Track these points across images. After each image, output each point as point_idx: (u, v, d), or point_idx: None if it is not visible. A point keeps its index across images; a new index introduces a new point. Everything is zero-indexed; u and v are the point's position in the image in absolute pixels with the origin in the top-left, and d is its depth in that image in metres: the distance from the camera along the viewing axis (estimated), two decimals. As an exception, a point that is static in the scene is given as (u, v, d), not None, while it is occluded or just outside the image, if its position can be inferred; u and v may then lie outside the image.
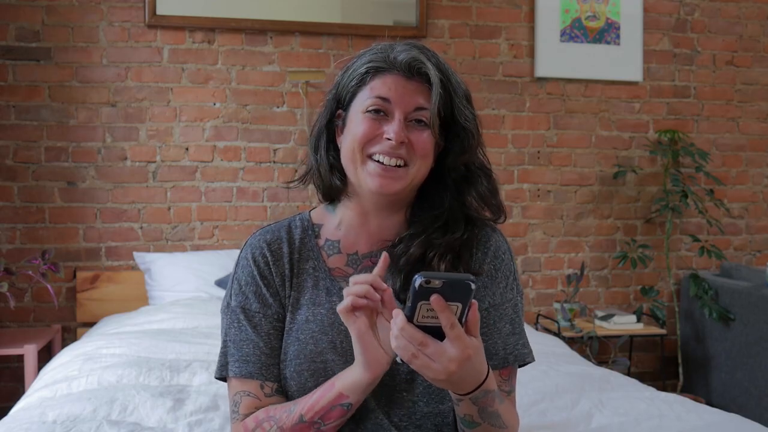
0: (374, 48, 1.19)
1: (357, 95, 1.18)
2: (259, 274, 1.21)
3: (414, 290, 0.92)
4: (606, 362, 3.55)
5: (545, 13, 3.69)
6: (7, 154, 3.25)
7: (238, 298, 1.21)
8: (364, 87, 1.17)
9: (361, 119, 1.15)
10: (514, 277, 1.24)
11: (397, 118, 1.14)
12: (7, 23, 3.24)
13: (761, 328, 3.29)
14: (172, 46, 3.37)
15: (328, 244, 1.24)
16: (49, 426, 1.70)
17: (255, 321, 1.19)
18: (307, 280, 1.21)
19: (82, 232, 3.32)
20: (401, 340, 0.95)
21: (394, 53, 1.16)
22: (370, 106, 1.15)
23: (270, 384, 1.18)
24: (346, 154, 1.18)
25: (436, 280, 0.91)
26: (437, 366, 0.95)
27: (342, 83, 1.20)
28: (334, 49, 3.51)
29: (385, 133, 1.14)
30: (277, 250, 1.22)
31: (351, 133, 1.17)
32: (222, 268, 3.15)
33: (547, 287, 3.78)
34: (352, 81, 1.18)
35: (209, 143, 3.42)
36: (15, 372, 3.23)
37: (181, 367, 2.12)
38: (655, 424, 1.86)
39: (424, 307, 0.93)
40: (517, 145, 3.72)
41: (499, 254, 1.22)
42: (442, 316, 0.93)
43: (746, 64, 3.96)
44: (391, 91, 1.14)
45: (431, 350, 0.95)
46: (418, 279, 0.91)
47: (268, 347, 1.18)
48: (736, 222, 3.99)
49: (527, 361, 1.22)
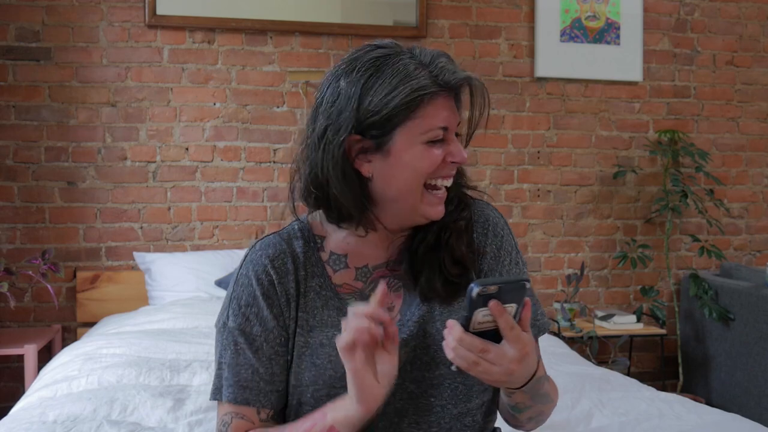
0: (403, 63, 1.05)
1: (406, 124, 1.05)
2: (262, 294, 1.12)
3: (470, 300, 0.92)
4: (606, 362, 3.55)
5: (545, 13, 3.69)
6: (7, 154, 3.25)
7: (237, 319, 1.12)
8: (417, 114, 1.05)
9: (424, 150, 1.06)
10: (516, 250, 1.21)
11: (455, 139, 1.09)
12: (7, 23, 3.24)
13: (761, 328, 3.29)
14: (172, 46, 3.37)
15: (334, 258, 1.16)
16: (49, 426, 1.70)
17: (256, 345, 1.11)
18: (316, 299, 1.14)
19: (82, 232, 3.32)
20: (460, 350, 0.95)
21: (443, 74, 1.05)
22: (433, 138, 1.06)
23: (266, 410, 1.13)
24: (401, 187, 1.07)
25: (492, 287, 0.92)
26: (498, 369, 0.96)
27: (369, 110, 1.04)
28: (334, 49, 3.51)
29: (449, 156, 1.08)
30: (282, 266, 1.13)
31: (412, 166, 1.06)
32: (222, 268, 3.15)
33: (547, 287, 3.78)
34: (393, 111, 1.04)
35: (209, 143, 3.42)
36: (15, 372, 3.23)
37: (181, 367, 2.12)
38: (655, 424, 1.86)
39: (480, 313, 0.94)
40: (517, 145, 3.72)
41: (497, 231, 1.19)
42: (501, 320, 0.93)
43: (746, 64, 3.96)
44: (447, 117, 1.07)
45: (492, 355, 0.95)
46: (474, 288, 0.91)
47: (268, 373, 1.11)
48: (736, 222, 3.99)
49: (547, 328, 1.24)
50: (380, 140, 1.06)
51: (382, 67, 1.05)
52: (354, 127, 1.05)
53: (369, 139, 1.06)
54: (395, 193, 1.08)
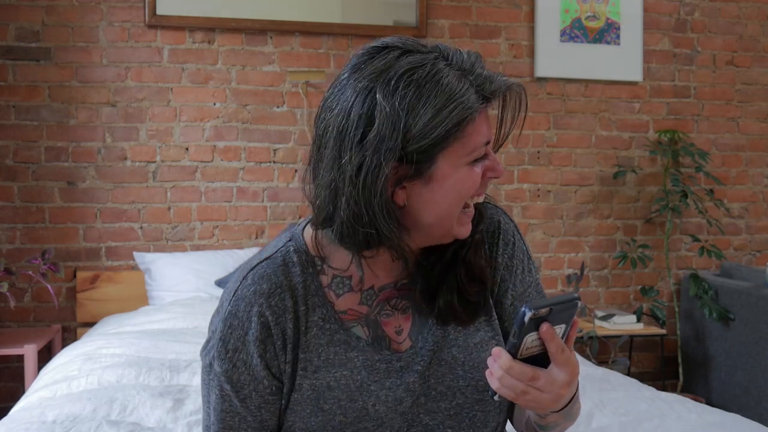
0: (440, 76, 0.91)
1: (452, 145, 0.93)
2: (254, 339, 0.99)
3: (521, 324, 0.86)
4: (606, 362, 3.55)
5: (545, 13, 3.69)
6: (7, 154, 3.25)
7: (224, 365, 1.00)
8: (460, 135, 0.92)
9: (468, 171, 0.95)
10: (527, 256, 1.14)
11: (491, 152, 0.99)
12: (7, 23, 3.24)
13: (761, 328, 3.29)
14: (172, 46, 3.37)
15: (336, 282, 1.03)
16: (49, 426, 1.70)
17: (243, 393, 1.01)
18: (320, 335, 1.01)
19: (82, 232, 3.32)
20: (508, 380, 0.89)
21: (487, 84, 0.93)
22: (477, 157, 0.96)
23: None
24: (441, 213, 0.96)
25: (543, 309, 0.86)
26: (547, 396, 0.90)
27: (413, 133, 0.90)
28: (334, 49, 3.51)
29: (489, 172, 0.98)
30: (279, 304, 1.00)
31: (457, 189, 0.95)
32: (222, 268, 3.15)
33: (547, 287, 3.78)
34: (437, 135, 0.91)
35: (209, 143, 3.42)
36: (15, 372, 3.23)
37: (181, 367, 2.12)
38: (656, 424, 1.86)
39: (529, 338, 0.88)
40: (517, 145, 3.72)
41: (508, 239, 1.12)
42: (552, 344, 0.88)
43: (746, 64, 3.96)
44: (487, 131, 0.96)
45: (542, 382, 0.89)
46: (527, 312, 0.84)
47: (256, 421, 1.02)
48: (736, 222, 3.99)
49: None
50: (421, 165, 0.93)
51: (424, 82, 0.91)
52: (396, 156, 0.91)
53: (407, 165, 0.92)
54: (433, 220, 0.96)
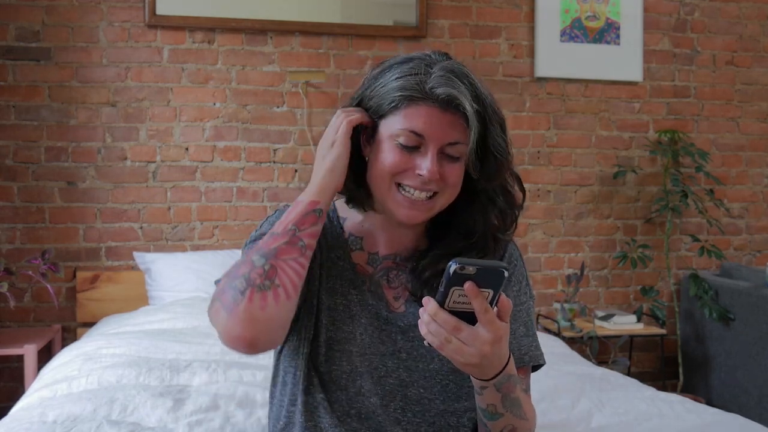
0: (409, 66, 1.11)
1: (388, 117, 1.11)
2: None
3: (448, 276, 0.93)
4: (606, 362, 3.55)
5: (545, 13, 3.69)
6: (7, 154, 3.25)
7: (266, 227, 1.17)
8: (397, 112, 1.10)
9: (392, 148, 1.10)
10: (526, 282, 1.26)
11: (431, 153, 1.09)
12: (7, 23, 3.24)
13: (761, 328, 3.29)
14: (172, 46, 3.37)
15: (352, 239, 1.22)
16: (49, 426, 1.70)
17: None
18: (332, 269, 1.19)
19: (82, 232, 3.32)
20: (433, 325, 0.96)
21: (431, 83, 1.07)
22: (402, 140, 1.09)
23: None
24: (374, 175, 1.13)
25: (470, 267, 0.92)
26: (471, 350, 0.96)
27: (371, 94, 1.13)
28: (334, 49, 3.51)
29: (417, 168, 1.09)
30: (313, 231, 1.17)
31: (380, 159, 1.12)
32: (222, 268, 3.10)
33: (547, 287, 3.78)
34: (383, 101, 1.11)
35: (209, 143, 3.42)
36: (15, 372, 3.23)
37: (181, 367, 2.12)
38: (655, 424, 1.86)
39: (456, 292, 0.94)
40: (517, 145, 3.72)
41: (512, 260, 1.24)
42: (476, 301, 0.93)
43: (746, 64, 3.96)
44: (426, 126, 1.08)
45: (465, 335, 0.95)
46: (453, 265, 0.92)
47: None
48: (736, 222, 3.99)
49: (540, 362, 1.24)
50: (375, 127, 1.13)
51: (397, 65, 1.12)
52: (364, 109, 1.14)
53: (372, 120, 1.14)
54: (372, 180, 1.14)
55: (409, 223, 1.13)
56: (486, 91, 1.12)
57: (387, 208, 1.14)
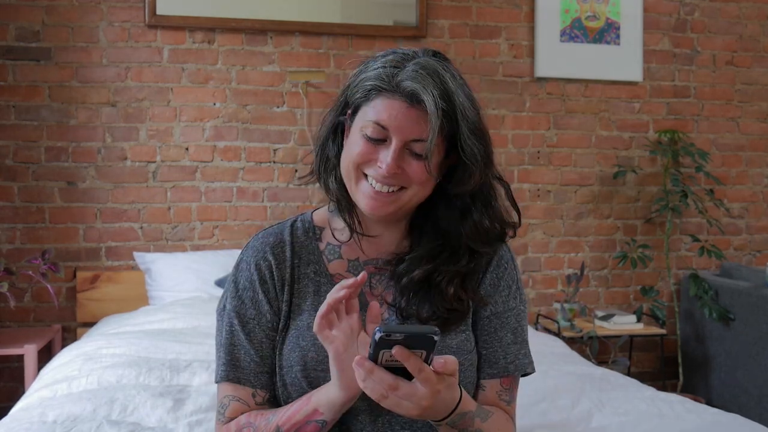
0: (388, 58, 1.13)
1: (360, 108, 1.13)
2: (259, 279, 1.19)
3: (374, 342, 0.91)
4: (606, 362, 3.55)
5: (545, 13, 3.69)
6: (7, 154, 3.25)
7: (234, 302, 1.20)
8: (368, 103, 1.11)
9: (358, 139, 1.12)
10: (517, 286, 1.23)
11: (393, 147, 1.09)
12: (7, 23, 3.24)
13: (761, 328, 3.29)
14: (172, 46, 3.37)
15: (330, 249, 1.22)
16: (49, 426, 1.70)
17: (249, 328, 1.18)
18: (309, 285, 1.20)
19: (82, 232, 3.32)
20: (370, 382, 0.95)
21: (401, 76, 1.08)
22: (369, 131, 1.10)
23: (262, 393, 1.18)
24: (343, 165, 1.15)
25: (397, 334, 0.90)
26: (409, 404, 0.96)
27: (351, 88, 1.15)
28: (334, 49, 3.51)
29: (378, 161, 1.10)
30: (280, 254, 1.20)
31: (349, 148, 1.14)
32: (222, 268, 3.15)
33: (547, 287, 3.78)
34: (357, 92, 1.13)
35: (209, 143, 3.42)
36: (15, 372, 3.23)
37: (181, 367, 2.12)
38: (655, 424, 1.86)
39: (386, 354, 0.93)
40: (517, 145, 3.72)
41: (502, 263, 1.22)
42: (408, 363, 0.92)
43: (746, 64, 3.96)
44: (390, 119, 1.08)
45: (402, 392, 0.95)
46: (378, 333, 0.90)
47: (258, 355, 1.17)
48: (736, 222, 3.99)
49: (527, 371, 1.22)
50: (352, 118, 1.15)
51: (380, 57, 1.14)
52: (346, 103, 1.16)
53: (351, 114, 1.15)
54: (343, 171, 1.16)
55: (373, 215, 1.13)
56: (462, 93, 1.10)
57: (356, 200, 1.15)
